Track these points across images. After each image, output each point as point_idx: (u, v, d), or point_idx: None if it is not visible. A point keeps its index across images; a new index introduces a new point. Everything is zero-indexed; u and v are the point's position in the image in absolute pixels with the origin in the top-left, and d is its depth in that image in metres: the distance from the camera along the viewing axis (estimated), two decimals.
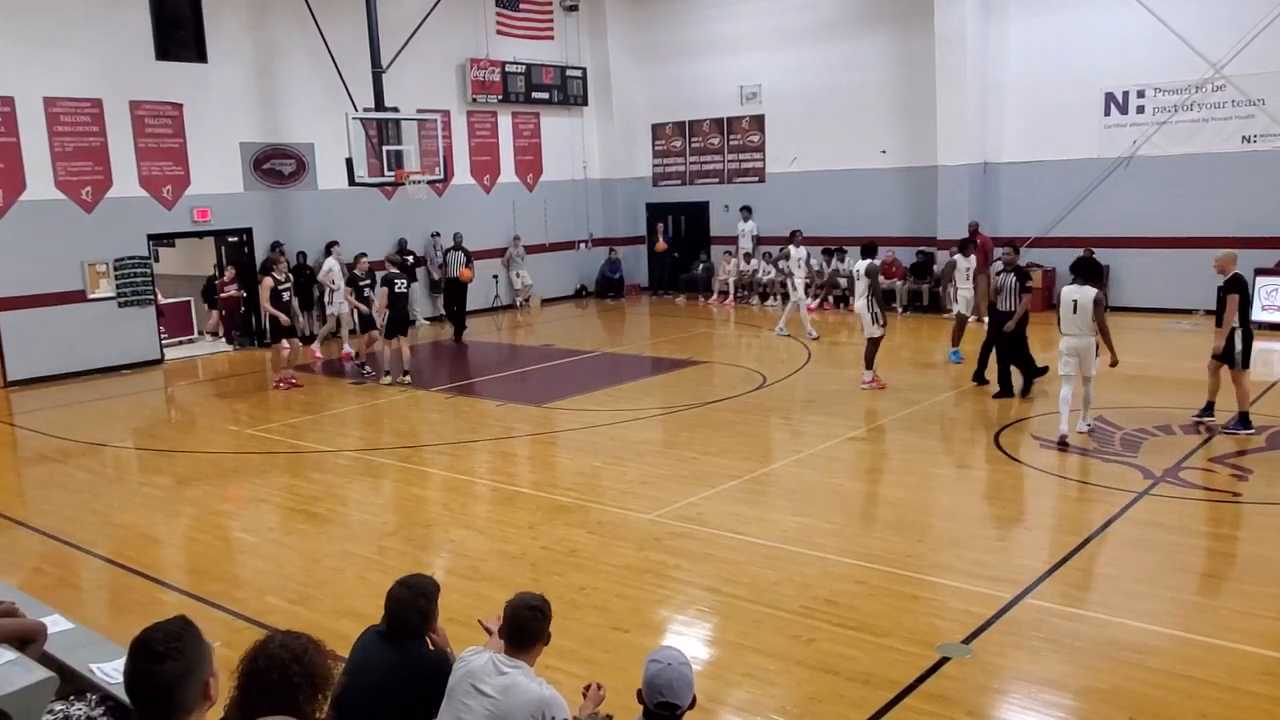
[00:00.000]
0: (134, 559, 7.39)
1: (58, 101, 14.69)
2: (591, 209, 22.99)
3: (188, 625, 2.43)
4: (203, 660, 2.40)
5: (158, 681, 2.33)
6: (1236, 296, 9.01)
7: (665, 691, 3.24)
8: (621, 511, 7.90)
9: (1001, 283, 11.29)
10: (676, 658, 3.32)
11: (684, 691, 3.27)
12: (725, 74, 21.11)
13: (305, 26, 16.43)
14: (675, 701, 3.25)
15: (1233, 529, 7.04)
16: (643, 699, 3.30)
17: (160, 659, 2.32)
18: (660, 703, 3.25)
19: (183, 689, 2.34)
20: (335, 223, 17.90)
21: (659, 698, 3.24)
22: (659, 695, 3.24)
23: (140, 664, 2.34)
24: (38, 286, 14.63)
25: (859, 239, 18.96)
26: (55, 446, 10.99)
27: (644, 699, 3.29)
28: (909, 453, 9.59)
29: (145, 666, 2.34)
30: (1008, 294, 11.21)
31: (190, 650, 2.37)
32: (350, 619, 5.72)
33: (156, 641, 2.35)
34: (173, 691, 2.33)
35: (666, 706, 3.25)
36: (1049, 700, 4.84)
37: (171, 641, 2.35)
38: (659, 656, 3.33)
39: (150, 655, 2.34)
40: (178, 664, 2.33)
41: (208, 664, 2.42)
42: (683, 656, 3.35)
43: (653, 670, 3.28)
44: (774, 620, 5.79)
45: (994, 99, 17.82)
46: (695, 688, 3.35)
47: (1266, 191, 15.31)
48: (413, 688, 3.71)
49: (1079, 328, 9.17)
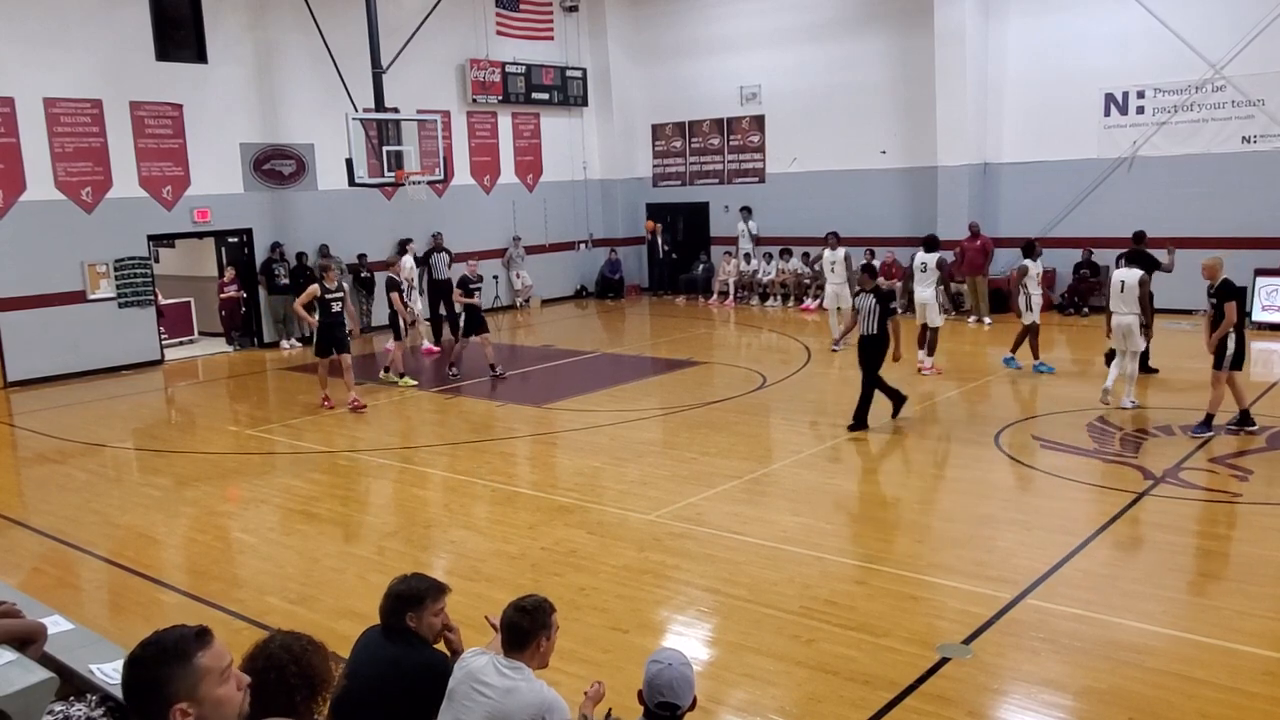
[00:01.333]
0: (134, 559, 7.40)
1: (58, 102, 14.69)
2: (591, 209, 22.99)
3: (181, 641, 2.27)
4: (173, 682, 2.23)
5: (126, 685, 2.28)
6: (1235, 303, 9.03)
7: (666, 692, 3.26)
8: (621, 512, 7.90)
9: (860, 304, 10.18)
10: (677, 658, 3.34)
11: (684, 692, 3.28)
12: (725, 74, 21.11)
13: (305, 26, 16.42)
14: (676, 702, 3.27)
15: (1232, 529, 7.04)
16: (643, 699, 3.31)
17: (131, 664, 2.28)
18: (661, 703, 3.27)
19: (145, 701, 2.24)
20: (335, 223, 17.93)
21: (659, 698, 3.26)
22: (659, 695, 3.26)
23: (125, 664, 2.32)
24: (38, 287, 14.64)
25: (859, 239, 19.12)
26: (55, 447, 10.99)
27: (645, 699, 3.31)
28: (909, 453, 9.60)
29: (125, 667, 2.30)
30: (867, 317, 10.02)
31: (160, 669, 2.24)
32: (350, 619, 5.72)
33: (141, 645, 2.30)
34: (136, 699, 2.25)
35: (667, 707, 3.27)
36: (1049, 700, 4.84)
37: (150, 650, 2.28)
38: (660, 657, 3.35)
39: (130, 658, 2.29)
40: (143, 673, 2.25)
41: (184, 687, 2.24)
42: (684, 657, 3.36)
43: (653, 670, 3.30)
44: (774, 621, 5.79)
45: (994, 99, 17.82)
46: (696, 688, 3.36)
47: (1266, 192, 15.31)
48: (412, 686, 3.72)
49: (1126, 306, 10.25)
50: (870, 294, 10.10)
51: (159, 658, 2.25)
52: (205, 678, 2.24)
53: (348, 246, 18.13)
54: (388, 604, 3.84)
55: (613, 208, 23.20)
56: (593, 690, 3.82)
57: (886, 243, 18.41)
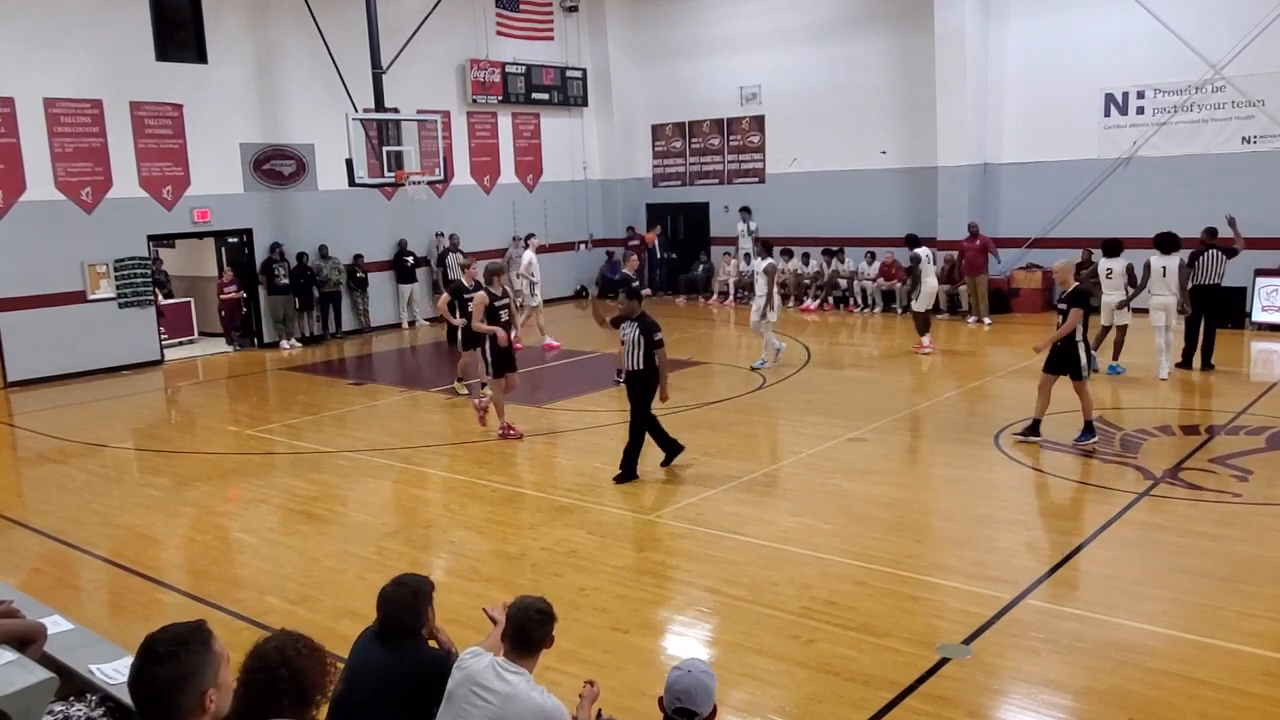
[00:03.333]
0: (134, 559, 7.40)
1: (58, 102, 14.69)
2: (591, 209, 23.00)
3: (197, 631, 2.37)
4: (204, 669, 2.33)
5: (152, 683, 2.29)
6: (1082, 311, 8.98)
7: (683, 698, 3.21)
8: (621, 512, 7.90)
9: (624, 336, 8.69)
10: (699, 666, 3.31)
11: (703, 700, 3.23)
12: (725, 74, 21.11)
13: (305, 27, 16.43)
14: (693, 709, 3.22)
15: (1232, 530, 7.04)
16: (662, 705, 3.29)
17: (159, 660, 2.30)
18: (678, 709, 3.22)
19: (177, 694, 2.29)
20: (335, 224, 17.94)
21: (677, 703, 3.22)
22: (677, 701, 3.22)
23: (140, 662, 2.33)
24: (38, 287, 14.64)
25: (859, 240, 19.15)
26: (55, 447, 10.99)
27: (663, 705, 3.28)
28: (909, 453, 9.60)
29: (143, 665, 2.32)
30: (631, 350, 8.59)
31: (192, 657, 2.32)
32: (350, 619, 5.71)
33: (160, 643, 2.33)
34: (166, 695, 2.28)
35: (684, 713, 3.22)
36: (1049, 701, 4.84)
37: (174, 645, 2.32)
38: (682, 664, 3.33)
39: (150, 655, 2.32)
40: (174, 669, 2.29)
41: (211, 674, 2.34)
42: (705, 666, 3.33)
43: (673, 676, 3.27)
44: (774, 621, 5.79)
45: (993, 99, 17.82)
46: (715, 698, 3.31)
47: (1266, 192, 15.30)
48: (410, 687, 3.71)
49: (1168, 289, 11.60)
50: (634, 323, 8.58)
51: (187, 649, 2.32)
52: (222, 663, 2.39)
53: (347, 247, 18.14)
54: (401, 610, 3.81)
55: (613, 208, 23.20)
56: (588, 692, 3.81)
57: (886, 243, 18.40)
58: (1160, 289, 11.64)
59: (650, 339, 8.44)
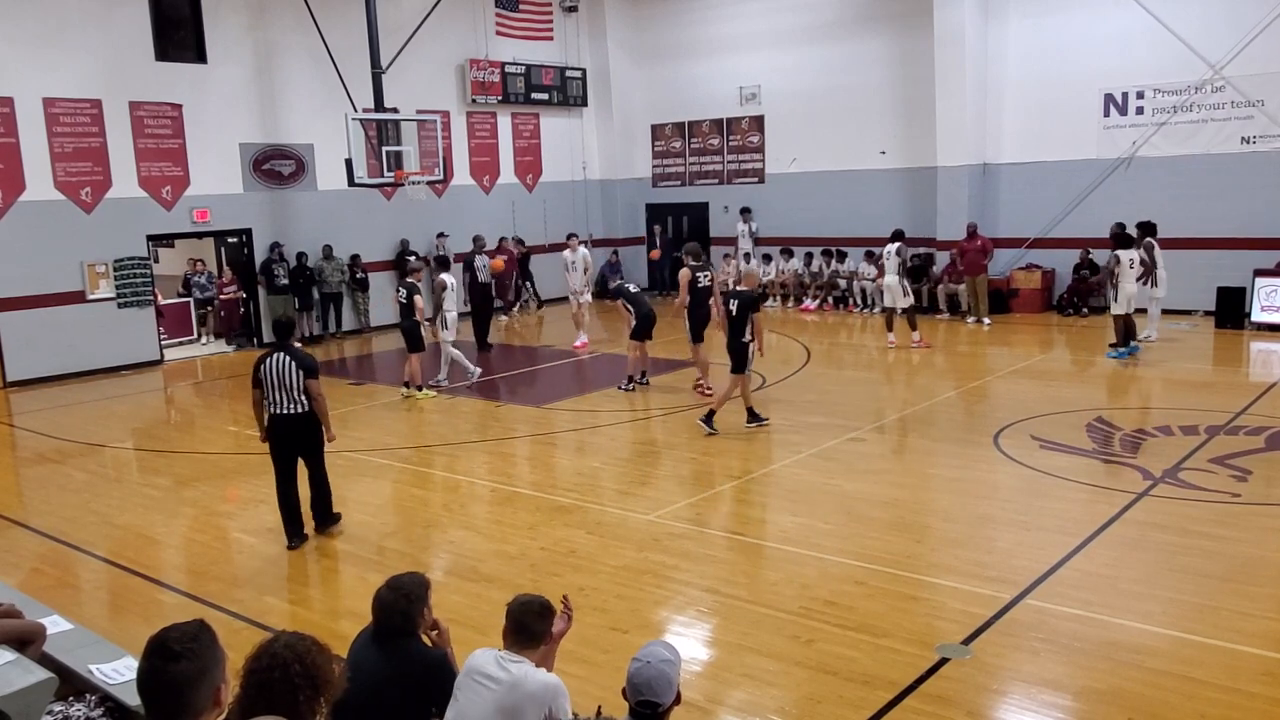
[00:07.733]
0: (133, 559, 7.40)
1: (57, 102, 14.69)
2: (591, 210, 22.98)
3: (205, 628, 2.44)
4: (216, 665, 2.40)
5: (170, 681, 2.33)
6: (760, 315, 10.14)
7: (645, 690, 3.18)
8: (621, 512, 7.90)
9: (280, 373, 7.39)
10: (658, 654, 3.24)
11: (664, 690, 3.19)
12: (725, 74, 21.11)
13: (305, 27, 16.43)
14: (655, 700, 3.18)
15: (1232, 530, 7.04)
16: (627, 697, 3.27)
17: (175, 658, 2.33)
18: (641, 701, 3.20)
19: (194, 690, 2.34)
20: (334, 224, 17.94)
21: (639, 696, 3.20)
22: (639, 694, 3.19)
23: (154, 662, 2.35)
24: (37, 287, 14.63)
25: (859, 240, 19.14)
26: (54, 447, 10.99)
27: (627, 697, 3.26)
28: (908, 453, 9.60)
29: (159, 665, 2.34)
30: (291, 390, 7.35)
31: (205, 653, 2.38)
32: (349, 619, 5.71)
33: (173, 641, 2.36)
34: (184, 692, 2.33)
35: (647, 705, 3.19)
36: (1048, 701, 4.84)
37: (187, 642, 2.36)
38: (641, 654, 3.26)
39: (165, 654, 2.34)
40: (191, 665, 2.33)
41: (221, 669, 2.42)
42: (665, 653, 3.26)
43: (633, 668, 3.22)
44: (773, 621, 5.79)
45: (993, 100, 17.82)
46: (682, 685, 3.28)
47: (1266, 192, 15.31)
48: (405, 687, 3.72)
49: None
50: (290, 358, 7.26)
51: (201, 645, 2.37)
52: (225, 659, 2.45)
53: (347, 247, 18.14)
54: (393, 613, 3.82)
55: (612, 208, 23.20)
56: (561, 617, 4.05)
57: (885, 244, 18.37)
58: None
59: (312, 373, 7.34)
